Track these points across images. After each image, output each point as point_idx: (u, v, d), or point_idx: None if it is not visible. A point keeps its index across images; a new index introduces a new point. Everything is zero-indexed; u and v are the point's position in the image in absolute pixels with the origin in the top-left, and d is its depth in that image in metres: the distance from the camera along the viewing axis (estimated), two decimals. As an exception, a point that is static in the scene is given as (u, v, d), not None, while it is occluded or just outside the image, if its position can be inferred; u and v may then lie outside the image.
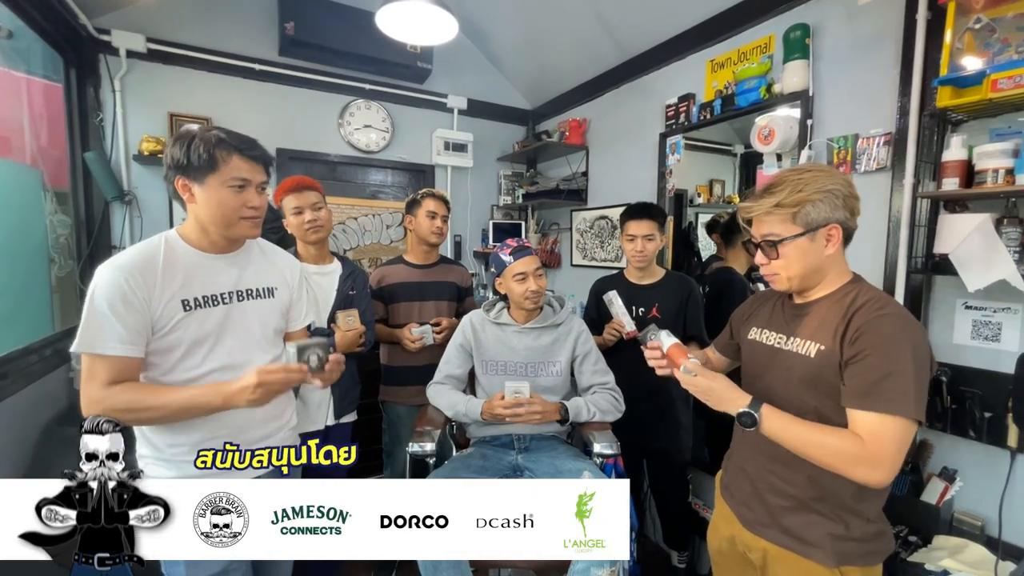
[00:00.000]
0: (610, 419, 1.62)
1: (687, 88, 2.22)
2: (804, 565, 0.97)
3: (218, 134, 1.04)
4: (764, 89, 1.82)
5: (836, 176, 0.95)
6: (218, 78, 2.51)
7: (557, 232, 3.26)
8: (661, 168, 2.34)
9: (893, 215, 1.48)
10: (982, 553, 1.26)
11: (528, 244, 1.65)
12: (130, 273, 0.96)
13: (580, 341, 1.68)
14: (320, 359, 1.03)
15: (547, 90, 3.19)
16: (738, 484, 1.12)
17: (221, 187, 1.03)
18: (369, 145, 2.88)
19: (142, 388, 0.98)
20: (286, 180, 1.72)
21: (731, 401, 0.97)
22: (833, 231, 0.94)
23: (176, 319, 1.01)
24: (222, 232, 1.08)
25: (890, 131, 1.49)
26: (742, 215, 1.03)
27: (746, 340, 1.15)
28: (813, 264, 0.97)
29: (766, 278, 1.04)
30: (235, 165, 1.04)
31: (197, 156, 1.01)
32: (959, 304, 1.39)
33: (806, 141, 1.69)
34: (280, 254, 1.28)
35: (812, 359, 0.96)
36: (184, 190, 1.04)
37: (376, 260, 2.96)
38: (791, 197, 0.93)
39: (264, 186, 1.11)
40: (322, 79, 2.73)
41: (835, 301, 0.97)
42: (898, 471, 0.86)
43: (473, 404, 1.57)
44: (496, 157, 3.33)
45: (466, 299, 2.15)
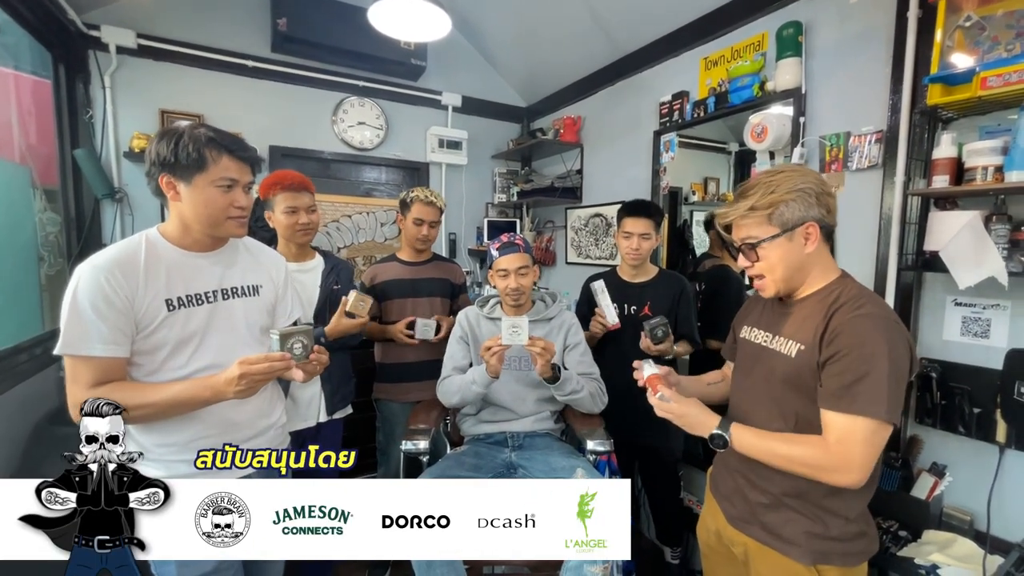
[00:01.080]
0: (594, 406, 1.63)
1: (681, 86, 2.22)
2: (782, 562, 0.98)
3: (207, 132, 1.02)
4: (757, 87, 1.82)
5: (808, 175, 0.96)
6: (210, 75, 2.49)
7: (552, 230, 3.26)
8: (655, 166, 2.34)
9: (884, 212, 1.48)
10: (971, 547, 1.27)
11: (520, 241, 1.63)
12: (110, 272, 0.95)
13: (571, 333, 1.70)
14: (305, 347, 1.03)
15: (542, 87, 3.19)
16: (724, 480, 1.14)
17: (209, 187, 1.02)
18: (363, 142, 2.87)
19: (129, 387, 0.97)
20: (280, 174, 1.69)
21: (702, 425, 1.01)
22: (811, 229, 0.95)
23: (160, 319, 1.00)
24: (207, 231, 1.07)
25: (881, 129, 1.50)
26: (720, 221, 1.04)
27: (740, 339, 1.17)
28: (795, 263, 0.97)
29: (755, 286, 1.05)
30: (224, 165, 1.03)
31: (186, 155, 0.99)
32: (949, 301, 1.40)
33: (799, 139, 1.69)
34: (265, 251, 1.27)
35: (792, 359, 0.97)
36: (169, 188, 1.02)
37: (371, 258, 2.95)
38: (764, 199, 0.94)
39: (251, 186, 1.11)
40: (315, 76, 2.71)
41: (818, 300, 0.97)
42: (870, 472, 0.87)
43: (478, 370, 1.56)
44: (491, 155, 3.33)
45: (460, 296, 2.15)
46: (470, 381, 1.57)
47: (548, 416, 1.70)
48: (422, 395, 1.97)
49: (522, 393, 1.66)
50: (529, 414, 1.67)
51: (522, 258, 1.61)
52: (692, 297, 1.84)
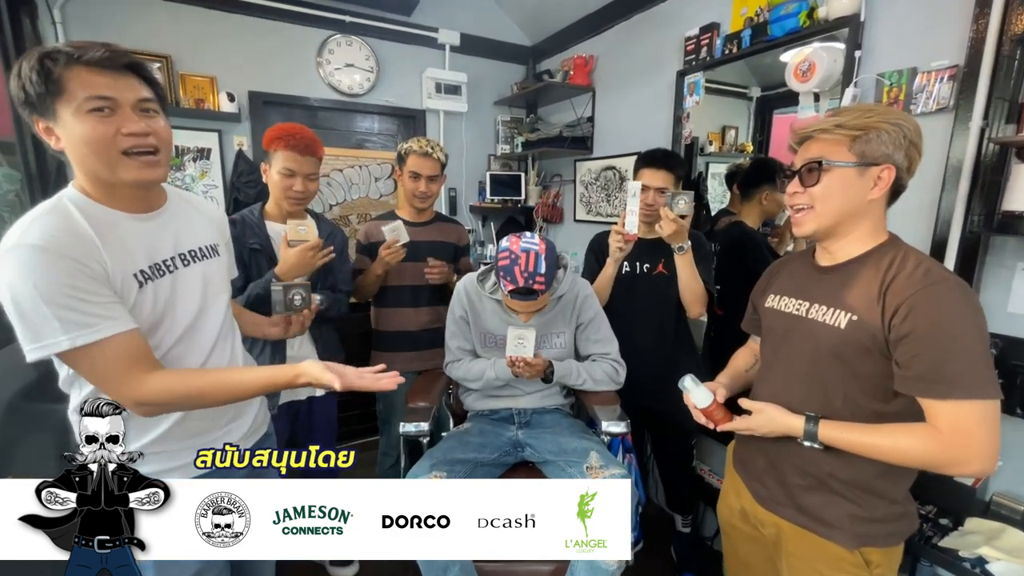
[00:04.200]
0: (602, 389, 1.52)
1: (711, 16, 1.93)
2: (821, 545, 0.93)
3: (47, 47, 0.78)
4: (804, 15, 1.55)
5: (910, 120, 0.86)
6: (178, 8, 2.20)
7: (560, 184, 3.03)
8: (677, 112, 2.10)
9: (952, 164, 1.28)
10: (1021, 539, 1.17)
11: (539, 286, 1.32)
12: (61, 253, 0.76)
13: (584, 308, 1.54)
14: (303, 299, 1.18)
15: (549, 23, 2.86)
16: (752, 459, 1.08)
17: (78, 115, 0.77)
18: (352, 87, 2.60)
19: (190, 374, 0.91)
20: (290, 128, 1.48)
21: (789, 428, 0.93)
22: (885, 173, 0.85)
23: (133, 297, 0.84)
24: (112, 180, 0.83)
25: (957, 64, 1.26)
26: (795, 135, 0.93)
27: (763, 309, 1.07)
28: (851, 205, 0.88)
29: (792, 217, 0.95)
30: (85, 80, 0.77)
31: (30, 82, 0.75)
32: (1020, 268, 1.23)
33: (851, 78, 1.46)
34: (205, 204, 1.10)
35: (842, 330, 0.88)
36: (48, 134, 0.80)
37: (365, 216, 2.75)
38: (856, 120, 0.85)
39: (148, 105, 0.83)
40: (296, 10, 2.41)
41: (869, 265, 0.89)
42: (997, 457, 0.80)
43: (500, 365, 1.47)
44: (493, 101, 3.05)
45: (461, 259, 1.98)
46: (493, 377, 1.48)
47: (557, 391, 1.58)
48: (422, 364, 1.86)
49: None
50: (537, 390, 1.55)
51: (538, 301, 1.39)
52: (710, 251, 1.66)
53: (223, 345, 1.02)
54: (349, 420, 2.65)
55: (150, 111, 0.83)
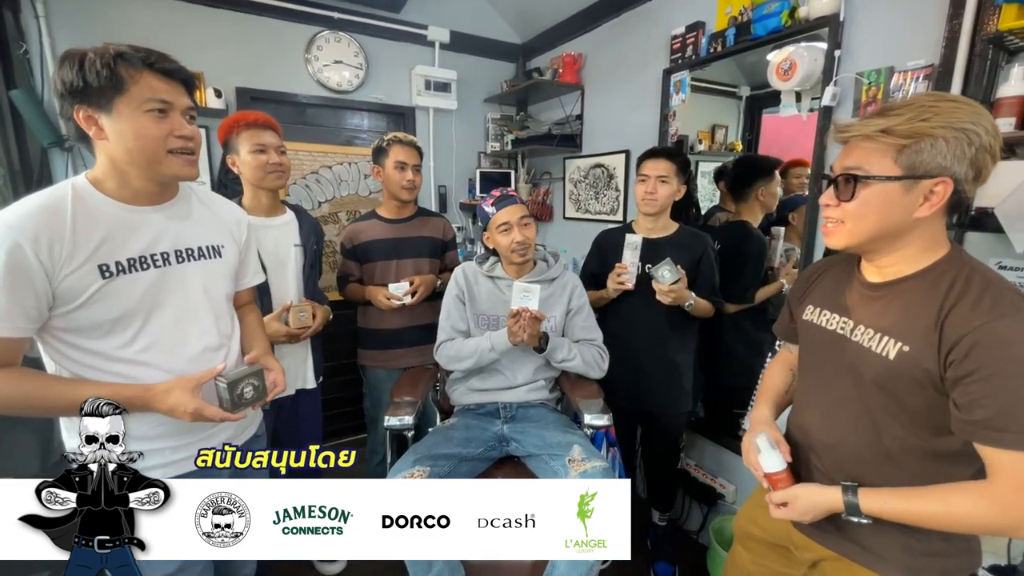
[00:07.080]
0: (590, 373, 1.55)
1: (697, 15, 1.95)
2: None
3: (117, 47, 0.83)
4: (786, 14, 1.57)
5: (984, 117, 0.71)
6: (165, 3, 2.18)
7: (549, 182, 3.04)
8: (664, 110, 2.11)
9: (927, 162, 1.30)
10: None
11: (513, 193, 1.52)
12: (21, 231, 0.78)
13: (575, 296, 1.59)
14: (256, 389, 0.96)
15: (539, 21, 2.87)
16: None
17: (136, 113, 0.84)
18: (341, 84, 2.59)
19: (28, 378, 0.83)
20: (239, 113, 1.50)
21: (826, 506, 0.84)
22: (939, 187, 0.71)
23: (92, 290, 0.84)
24: (147, 174, 0.89)
25: (932, 63, 1.29)
26: (836, 135, 0.80)
27: (801, 320, 0.97)
28: (893, 224, 0.75)
29: (823, 229, 0.84)
30: (148, 83, 0.85)
31: (95, 75, 0.80)
32: (992, 264, 1.25)
33: (831, 76, 1.48)
34: (223, 204, 1.10)
35: (891, 361, 0.77)
36: (89, 123, 0.84)
37: (354, 213, 2.75)
38: (908, 124, 0.71)
39: (192, 113, 0.93)
40: (284, 5, 2.39)
41: (924, 286, 0.76)
42: None
43: (496, 336, 1.47)
44: (483, 98, 3.05)
45: (447, 253, 1.99)
46: (488, 348, 1.47)
47: (543, 385, 1.59)
48: (410, 361, 1.87)
49: (522, 358, 1.55)
50: (524, 383, 1.56)
51: (522, 208, 1.50)
52: (715, 259, 1.68)
53: (217, 345, 1.01)
54: (337, 418, 2.65)
55: (192, 118, 0.93)
